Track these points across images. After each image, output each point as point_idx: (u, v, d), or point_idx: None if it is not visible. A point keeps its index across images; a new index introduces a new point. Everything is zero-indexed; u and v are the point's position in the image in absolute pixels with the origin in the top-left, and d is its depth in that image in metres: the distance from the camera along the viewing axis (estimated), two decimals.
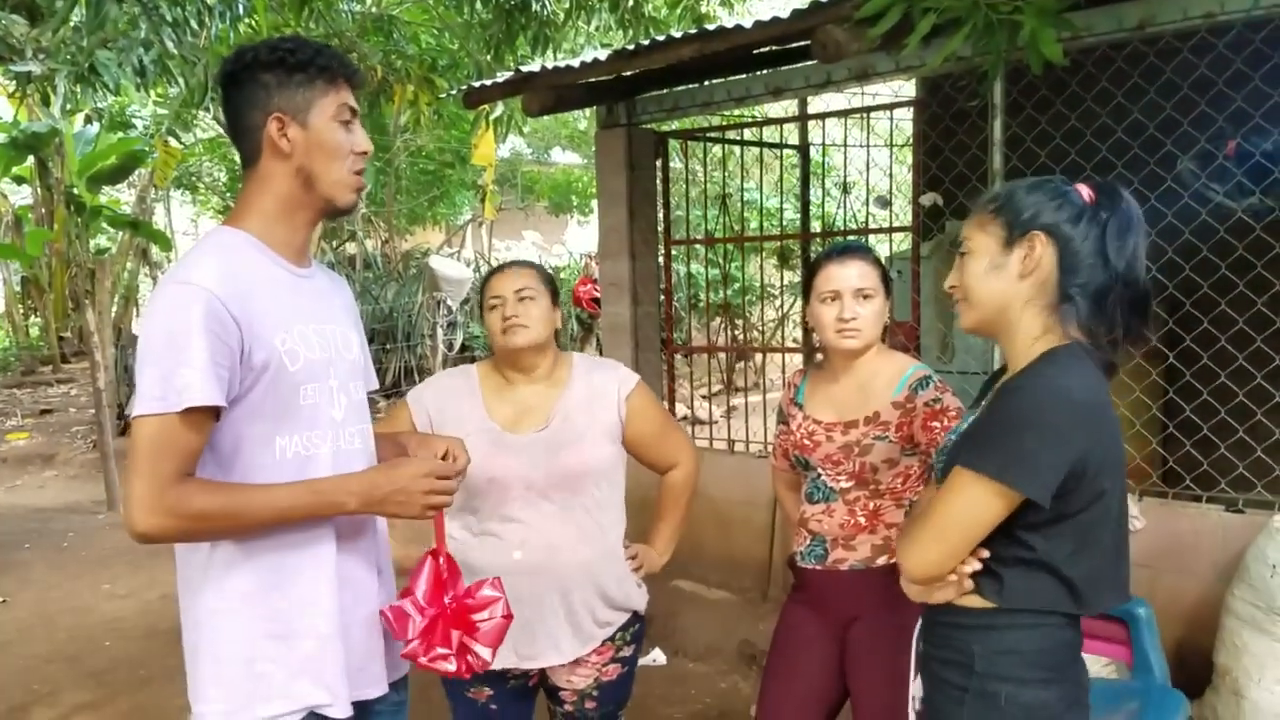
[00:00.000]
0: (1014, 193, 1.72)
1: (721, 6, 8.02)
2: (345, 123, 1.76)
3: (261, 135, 1.71)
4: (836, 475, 2.35)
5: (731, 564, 5.01)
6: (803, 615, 2.45)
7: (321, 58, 1.73)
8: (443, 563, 1.86)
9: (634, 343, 5.33)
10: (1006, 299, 1.71)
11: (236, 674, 1.68)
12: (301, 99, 1.71)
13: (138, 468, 1.55)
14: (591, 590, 2.36)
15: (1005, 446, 1.59)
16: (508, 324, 2.35)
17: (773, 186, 7.09)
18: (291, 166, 1.72)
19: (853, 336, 2.31)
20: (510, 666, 2.35)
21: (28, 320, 16.26)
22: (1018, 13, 2.69)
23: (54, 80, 5.83)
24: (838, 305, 2.31)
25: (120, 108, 12.98)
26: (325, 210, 1.79)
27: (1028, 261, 1.68)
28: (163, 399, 1.54)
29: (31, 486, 8.99)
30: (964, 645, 1.72)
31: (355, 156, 1.77)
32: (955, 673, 1.73)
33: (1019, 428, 1.60)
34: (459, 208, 16.46)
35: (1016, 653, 1.68)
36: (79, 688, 4.44)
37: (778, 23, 3.59)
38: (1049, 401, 1.60)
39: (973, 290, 1.74)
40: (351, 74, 1.78)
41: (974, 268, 1.74)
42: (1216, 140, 4.08)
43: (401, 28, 8.32)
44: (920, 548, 1.67)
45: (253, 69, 1.71)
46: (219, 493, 1.60)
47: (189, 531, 1.60)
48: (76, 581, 6.03)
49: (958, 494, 1.63)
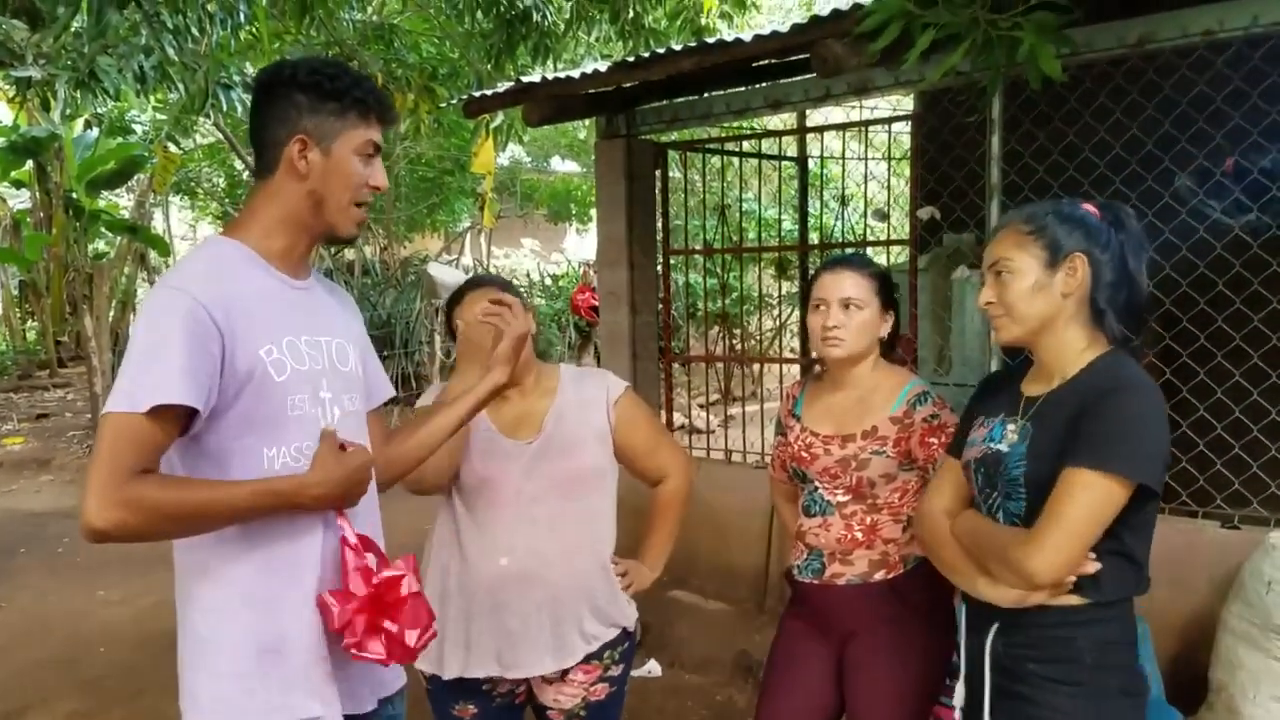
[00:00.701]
0: (1052, 217, 1.85)
1: (721, 20, 8.03)
2: (368, 156, 1.77)
3: (282, 152, 1.72)
4: (834, 489, 2.35)
5: (728, 574, 5.00)
6: (800, 629, 2.44)
7: (358, 90, 1.74)
8: (351, 552, 1.73)
9: (632, 352, 5.33)
10: (1050, 315, 1.86)
11: (229, 687, 1.68)
12: (329, 126, 1.72)
13: (96, 462, 1.53)
14: (580, 602, 2.35)
15: (1129, 445, 1.70)
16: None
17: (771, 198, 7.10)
18: (305, 188, 1.74)
19: (835, 345, 2.32)
20: (494, 675, 2.34)
21: (25, 324, 16.23)
22: (1017, 29, 2.70)
23: (54, 85, 5.85)
24: (823, 314, 2.33)
25: (120, 113, 12.98)
26: (326, 236, 1.81)
27: (1070, 282, 1.83)
28: (130, 396, 1.54)
29: (27, 491, 8.97)
30: (1068, 642, 1.80)
31: (367, 189, 1.79)
32: (1062, 670, 1.80)
33: (1137, 425, 1.72)
34: (458, 215, 16.48)
35: (1116, 642, 1.81)
36: (73, 694, 4.43)
37: (777, 36, 3.60)
38: (1153, 399, 1.75)
39: (1017, 308, 1.87)
40: (385, 112, 1.79)
41: (1018, 287, 1.86)
42: (1214, 157, 4.09)
43: (402, 36, 8.33)
44: (1054, 552, 1.71)
45: (289, 86, 1.72)
46: (173, 487, 1.58)
47: (142, 527, 1.54)
48: (71, 587, 6.01)
49: (1087, 495, 1.70)
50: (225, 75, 6.81)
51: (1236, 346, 3.60)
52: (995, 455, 1.89)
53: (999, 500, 1.89)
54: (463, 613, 2.33)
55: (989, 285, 1.92)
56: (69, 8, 4.94)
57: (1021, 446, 1.84)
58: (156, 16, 5.34)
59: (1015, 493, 1.84)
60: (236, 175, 15.62)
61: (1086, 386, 1.81)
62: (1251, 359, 3.59)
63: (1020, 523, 1.83)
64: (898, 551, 2.32)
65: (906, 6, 2.77)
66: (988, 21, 2.71)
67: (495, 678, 2.36)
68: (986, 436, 1.94)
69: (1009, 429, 1.90)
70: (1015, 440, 1.87)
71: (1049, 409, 1.84)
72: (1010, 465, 1.84)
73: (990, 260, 1.92)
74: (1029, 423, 1.86)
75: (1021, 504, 1.83)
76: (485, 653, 2.32)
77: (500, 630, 2.31)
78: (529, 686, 2.44)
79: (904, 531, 2.34)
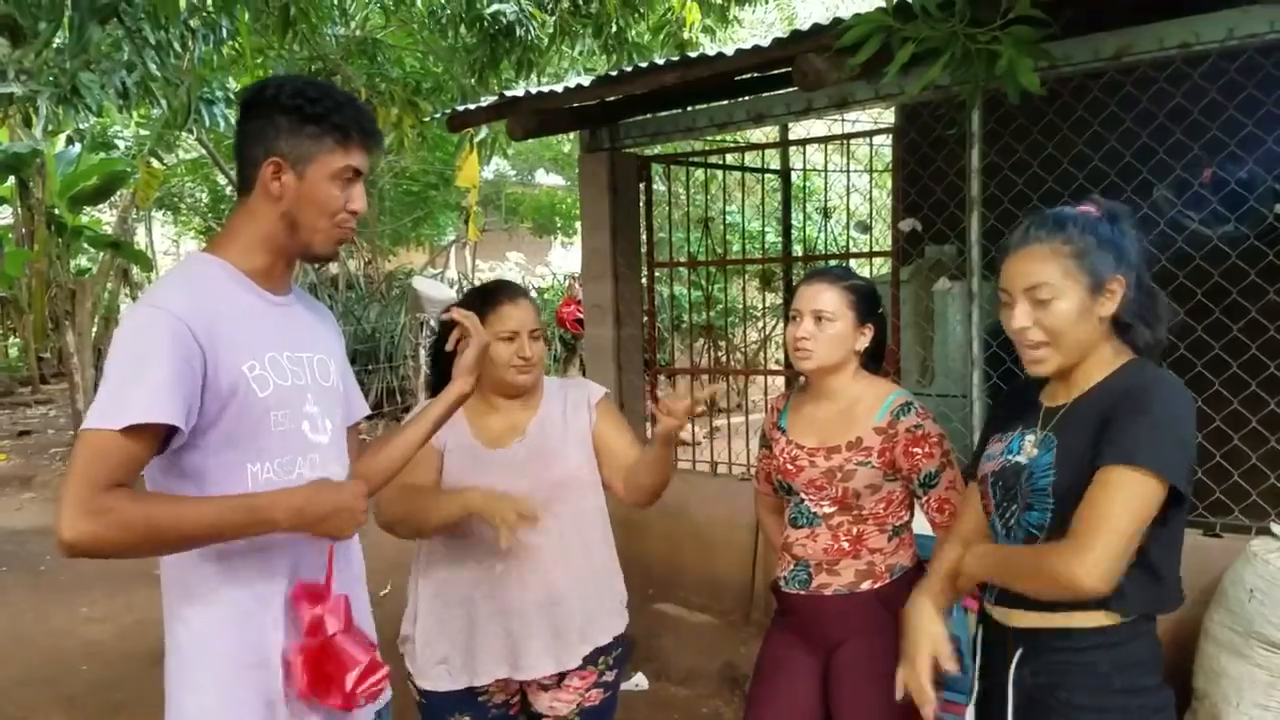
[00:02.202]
0: (1089, 237, 1.76)
1: (704, 34, 8.07)
2: (346, 180, 1.75)
3: (258, 172, 1.71)
4: (819, 500, 2.36)
5: (714, 586, 5.00)
6: (786, 640, 2.45)
7: (339, 115, 1.71)
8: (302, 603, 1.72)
9: (617, 364, 5.34)
10: (1094, 338, 1.79)
11: (212, 702, 1.68)
12: (306, 150, 1.70)
13: (70, 477, 1.51)
14: (576, 603, 2.37)
15: (1161, 442, 1.63)
16: (524, 365, 2.36)
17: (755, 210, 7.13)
18: (278, 210, 1.72)
19: (804, 357, 2.34)
20: (503, 677, 2.35)
21: (7, 341, 16.15)
22: (995, 43, 2.72)
23: (36, 101, 5.82)
24: (795, 325, 2.36)
25: (102, 129, 12.95)
26: (304, 255, 1.80)
27: (1109, 304, 1.77)
28: (106, 414, 1.52)
29: (9, 509, 8.89)
30: (1092, 665, 1.74)
31: (345, 214, 1.76)
32: (1088, 695, 1.74)
33: (1169, 424, 1.66)
34: (443, 229, 16.49)
35: (1141, 662, 1.75)
36: (54, 711, 4.39)
37: (759, 51, 3.63)
38: (1183, 398, 1.70)
39: (1064, 334, 1.77)
40: (368, 137, 1.77)
41: (1064, 312, 1.76)
42: (1192, 168, 4.13)
43: (386, 51, 8.34)
44: (1102, 554, 1.61)
45: (270, 106, 1.70)
46: (147, 502, 1.56)
47: (116, 541, 1.50)
48: (53, 605, 5.96)
49: (1124, 493, 1.62)
50: (208, 90, 6.81)
51: (1215, 355, 3.63)
52: (1015, 467, 1.85)
53: (1017, 513, 1.83)
54: (465, 622, 2.34)
55: (1025, 309, 1.79)
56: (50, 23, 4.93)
57: (1048, 457, 1.78)
58: (139, 32, 5.33)
59: (1040, 503, 1.77)
60: (220, 190, 15.59)
61: (1114, 389, 1.75)
62: (1230, 368, 3.62)
63: (1040, 535, 1.78)
64: (884, 561, 2.33)
65: (886, 21, 2.79)
66: (966, 35, 2.74)
67: (491, 688, 2.37)
68: (1004, 450, 1.90)
69: (1028, 440, 1.85)
70: (1037, 452, 1.81)
71: (1074, 418, 1.79)
72: (1037, 476, 1.78)
73: (1026, 283, 1.78)
74: (1052, 433, 1.80)
75: (1046, 515, 1.76)
76: (493, 657, 2.33)
77: (503, 633, 2.33)
78: (523, 695, 2.45)
79: (889, 541, 2.35)
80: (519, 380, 2.37)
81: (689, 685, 4.42)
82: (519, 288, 2.53)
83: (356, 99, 1.81)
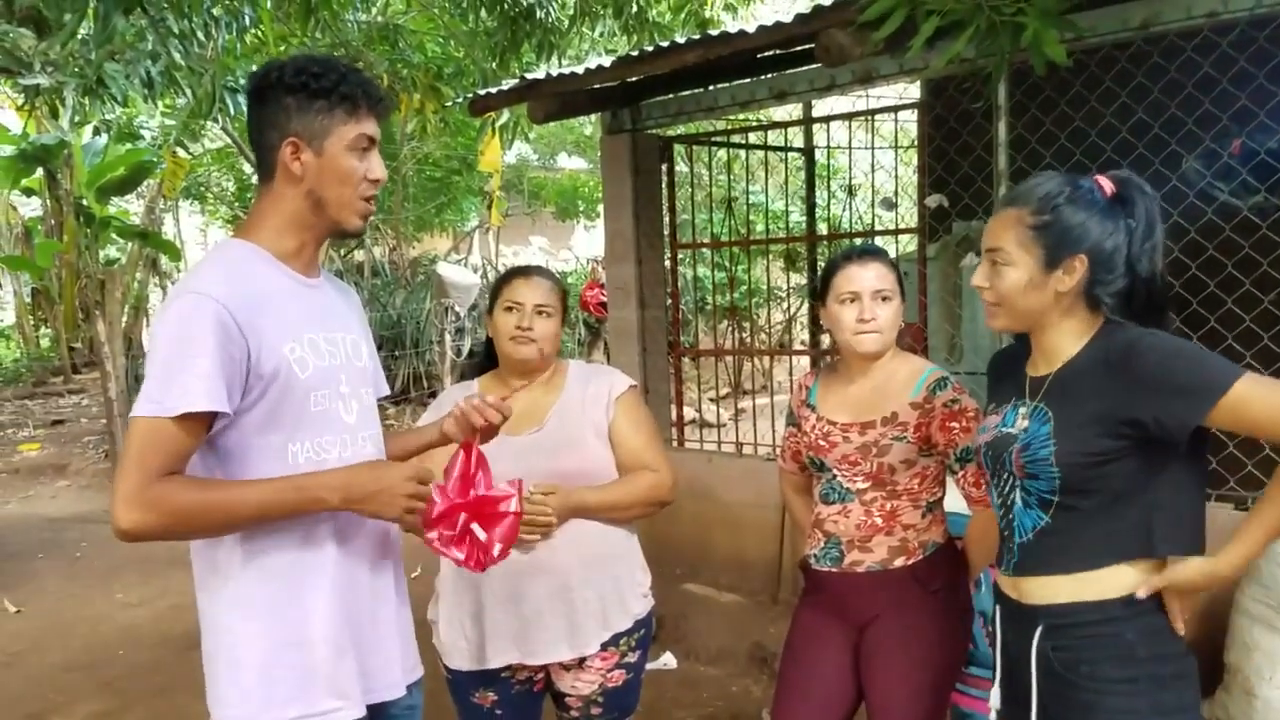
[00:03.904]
0: (1063, 209, 1.77)
1: (725, 11, 8.02)
2: (362, 150, 1.77)
3: (277, 156, 1.74)
4: (853, 476, 2.35)
5: (742, 566, 5.01)
6: (817, 618, 2.44)
7: (345, 85, 1.73)
8: (474, 457, 1.91)
9: (641, 346, 5.34)
10: (1044, 309, 1.81)
11: (251, 679, 1.71)
12: (319, 125, 1.73)
13: (124, 465, 1.58)
14: (592, 590, 2.38)
15: (1212, 359, 1.68)
16: (519, 334, 2.39)
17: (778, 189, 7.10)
18: (302, 189, 1.75)
19: (872, 338, 2.32)
20: (513, 663, 2.37)
21: (38, 331, 16.33)
22: (1021, 14, 2.69)
23: (62, 93, 5.89)
24: (857, 306, 2.32)
25: (128, 119, 13.01)
26: (332, 232, 1.83)
27: (1066, 281, 1.77)
28: (159, 403, 1.57)
29: (44, 497, 9.03)
30: (1117, 636, 1.75)
31: (367, 183, 1.79)
32: (1116, 667, 1.74)
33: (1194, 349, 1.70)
34: (466, 214, 16.48)
35: (1164, 629, 1.76)
36: (94, 696, 4.46)
37: (781, 27, 3.60)
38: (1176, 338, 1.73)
39: (1010, 300, 1.83)
40: (375, 103, 1.79)
41: (1013, 280, 1.81)
42: (1222, 139, 4.07)
43: (407, 36, 8.34)
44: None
45: (276, 89, 1.73)
46: (199, 488, 1.62)
47: (170, 528, 1.60)
48: (90, 591, 6.06)
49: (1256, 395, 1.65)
50: (232, 79, 6.84)
51: (1247, 328, 3.59)
52: (1005, 438, 1.86)
53: (1013, 481, 1.85)
54: (478, 606, 2.36)
55: (983, 270, 1.87)
56: (75, 15, 4.96)
57: (1045, 428, 1.78)
58: (162, 22, 5.36)
59: (1045, 472, 1.77)
60: (245, 179, 15.65)
61: (1103, 352, 1.76)
62: (1262, 340, 3.57)
63: (1053, 499, 1.78)
64: (917, 537, 2.32)
65: None
66: (991, 8, 2.71)
67: (514, 665, 2.39)
68: (1000, 422, 1.91)
69: (1020, 412, 1.86)
70: (1028, 424, 1.82)
71: (1066, 388, 1.80)
72: (1035, 446, 1.78)
73: (987, 244, 1.86)
74: (1043, 404, 1.82)
75: (1054, 481, 1.76)
76: (503, 641, 2.35)
77: (516, 618, 2.34)
78: (547, 673, 2.47)
79: (923, 517, 2.34)
80: (518, 352, 2.39)
81: (718, 665, 4.44)
82: (540, 269, 2.57)
83: (359, 69, 1.82)
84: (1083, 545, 1.78)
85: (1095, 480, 1.74)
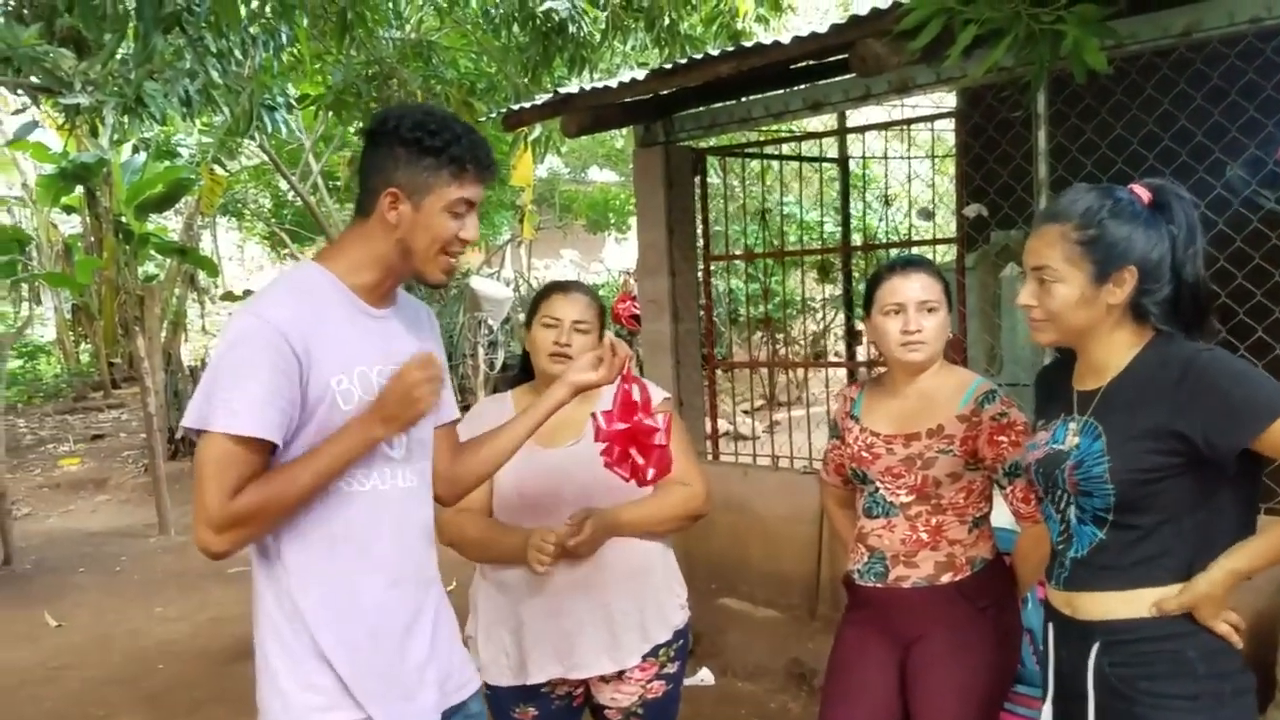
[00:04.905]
0: (1107, 223, 1.76)
1: (757, 23, 8.00)
2: (457, 214, 1.79)
3: (377, 200, 1.76)
4: (896, 489, 2.31)
5: (779, 581, 4.97)
6: (862, 635, 2.40)
7: (456, 148, 1.75)
8: (636, 391, 2.07)
9: (675, 359, 5.32)
10: (1094, 322, 1.80)
11: (293, 685, 1.75)
12: (422, 182, 1.75)
13: (202, 487, 1.64)
14: (631, 603, 2.36)
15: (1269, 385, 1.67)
16: (557, 350, 2.39)
17: (812, 200, 7.06)
18: (393, 237, 1.78)
19: (918, 349, 2.28)
20: (555, 677, 2.36)
21: (78, 347, 16.56)
22: (1060, 22, 2.65)
23: (102, 112, 5.96)
24: (902, 318, 2.28)
25: (166, 137, 13.21)
26: (413, 278, 1.85)
27: (1117, 293, 1.76)
28: (223, 420, 1.63)
29: (84, 511, 9.13)
30: (1179, 654, 1.73)
31: (458, 242, 1.82)
32: (1176, 684, 1.72)
33: (1250, 371, 1.70)
34: (498, 228, 16.56)
35: (1224, 647, 1.74)
36: (135, 710, 4.49)
37: (816, 38, 3.58)
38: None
39: (1062, 316, 1.81)
40: (483, 169, 1.81)
41: (1064, 296, 1.80)
42: (1266, 145, 4.01)
43: (441, 53, 8.38)
44: None
45: (390, 138, 1.76)
46: (262, 488, 1.66)
47: (253, 535, 1.69)
48: (130, 605, 6.11)
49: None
50: (269, 97, 6.91)
51: None
52: (1055, 455, 1.84)
53: (1068, 499, 1.82)
54: (517, 622, 2.36)
55: (1030, 288, 1.84)
56: (115, 35, 5.03)
57: (1097, 444, 1.76)
58: (200, 41, 5.42)
59: (1100, 489, 1.75)
60: (282, 196, 15.83)
61: (1151, 367, 1.76)
62: None
63: (1108, 516, 1.77)
64: (964, 553, 2.28)
65: (947, 3, 2.73)
66: (1030, 15, 2.67)
67: (555, 680, 2.38)
68: (1050, 439, 1.89)
69: (1070, 428, 1.84)
70: (1079, 440, 1.80)
71: (1116, 402, 1.78)
72: (1089, 464, 1.76)
73: (1031, 262, 1.83)
74: (1093, 419, 1.80)
75: (1109, 499, 1.74)
76: (545, 657, 2.34)
77: (558, 633, 2.33)
78: (587, 688, 2.46)
79: (969, 533, 2.29)
80: (556, 369, 2.36)
81: (755, 681, 4.40)
82: (579, 284, 2.56)
83: (475, 131, 1.84)
84: (1139, 561, 1.75)
85: (1149, 498, 1.72)
